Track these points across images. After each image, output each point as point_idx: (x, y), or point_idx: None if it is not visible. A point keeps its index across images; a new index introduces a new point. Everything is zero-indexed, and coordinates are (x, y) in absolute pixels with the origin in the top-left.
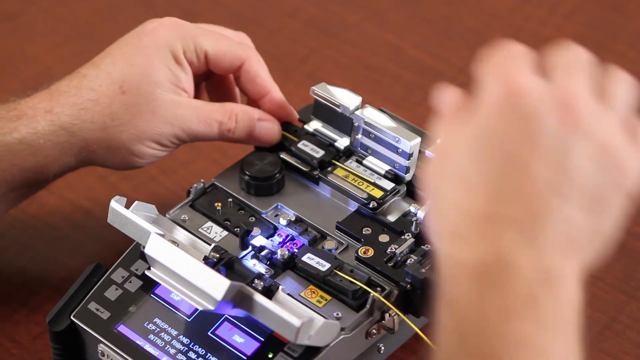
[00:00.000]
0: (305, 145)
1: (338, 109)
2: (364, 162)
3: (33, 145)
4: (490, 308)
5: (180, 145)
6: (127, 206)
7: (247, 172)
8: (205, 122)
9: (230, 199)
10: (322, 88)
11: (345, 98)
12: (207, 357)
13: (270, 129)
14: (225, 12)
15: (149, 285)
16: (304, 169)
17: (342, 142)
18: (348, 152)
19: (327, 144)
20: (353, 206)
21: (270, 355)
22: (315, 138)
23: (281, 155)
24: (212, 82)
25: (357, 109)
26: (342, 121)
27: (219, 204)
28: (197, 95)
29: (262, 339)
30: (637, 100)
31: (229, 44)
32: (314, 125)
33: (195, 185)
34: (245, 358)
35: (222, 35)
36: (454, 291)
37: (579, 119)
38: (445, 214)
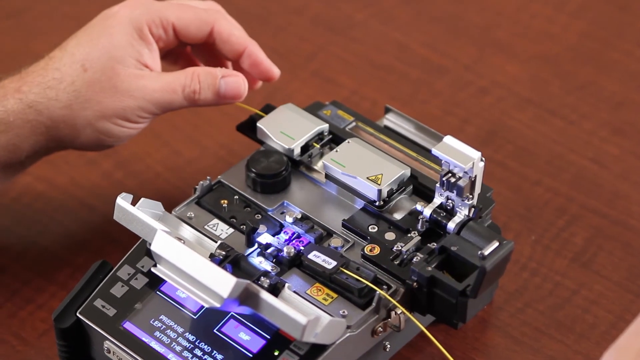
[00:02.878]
0: None
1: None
2: None
3: (4, 123)
4: None
5: (151, 119)
6: (133, 203)
7: (253, 170)
8: (169, 88)
9: (236, 197)
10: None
11: None
12: (213, 354)
13: (235, 83)
14: (231, 10)
15: (155, 282)
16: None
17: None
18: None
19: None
20: (359, 204)
21: (276, 353)
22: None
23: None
24: (203, 56)
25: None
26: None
27: (225, 202)
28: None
29: (268, 337)
30: None
31: (193, 12)
32: None
33: (201, 182)
34: (251, 356)
35: (186, 6)
36: None
37: None
38: None
